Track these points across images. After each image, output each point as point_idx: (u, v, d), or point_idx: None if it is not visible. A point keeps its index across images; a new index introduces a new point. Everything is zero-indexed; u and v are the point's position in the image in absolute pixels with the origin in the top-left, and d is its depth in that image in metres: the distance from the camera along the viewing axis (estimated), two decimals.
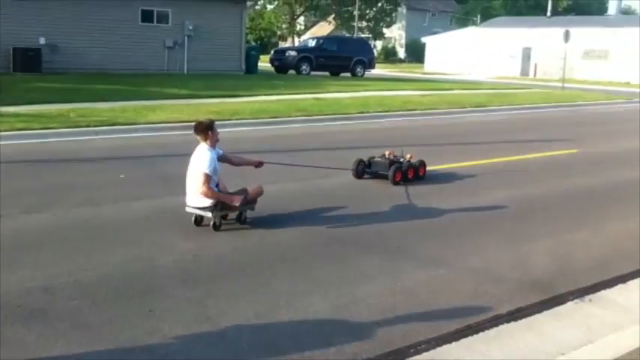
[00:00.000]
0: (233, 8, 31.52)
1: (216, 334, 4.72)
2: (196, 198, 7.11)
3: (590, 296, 5.72)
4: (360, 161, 10.17)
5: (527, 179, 10.67)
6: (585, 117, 20.67)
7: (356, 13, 66.82)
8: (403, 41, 79.86)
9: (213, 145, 7.21)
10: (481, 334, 4.88)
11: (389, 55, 76.31)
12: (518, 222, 8.01)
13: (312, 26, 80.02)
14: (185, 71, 29.61)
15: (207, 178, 6.97)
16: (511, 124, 18.90)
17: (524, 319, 5.18)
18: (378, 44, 77.18)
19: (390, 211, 8.31)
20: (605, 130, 17.44)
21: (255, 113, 16.87)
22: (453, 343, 4.69)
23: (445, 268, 6.25)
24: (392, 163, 10.03)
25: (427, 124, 17.93)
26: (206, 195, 6.97)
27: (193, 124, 7.50)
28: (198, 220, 7.25)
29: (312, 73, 35.09)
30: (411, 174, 9.97)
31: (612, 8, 62.63)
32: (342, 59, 36.40)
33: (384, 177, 9.89)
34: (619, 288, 5.97)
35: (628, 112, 24.05)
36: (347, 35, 62.60)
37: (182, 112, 16.27)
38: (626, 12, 77.57)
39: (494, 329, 4.97)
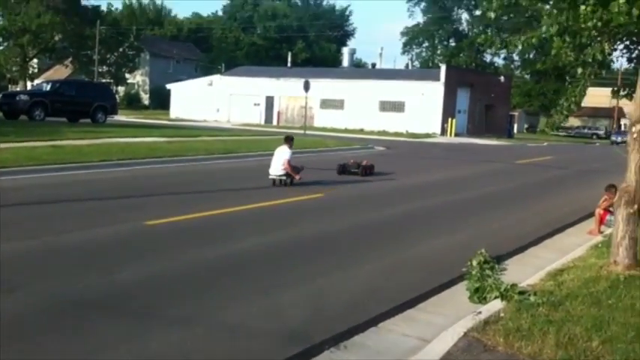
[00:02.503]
0: None
1: None
2: (277, 171, 14.91)
3: (345, 342, 5.66)
4: (340, 165, 18.13)
5: (276, 224, 10.65)
6: (325, 162, 21.63)
7: (96, 57, 64.49)
8: (147, 87, 78.64)
9: (290, 148, 15.19)
10: None
11: (132, 102, 74.51)
12: (271, 269, 7.82)
13: (47, 69, 75.59)
14: None
15: (288, 161, 14.81)
16: (259, 171, 19.12)
17: None
18: (121, 90, 75.09)
19: (132, 268, 7.62)
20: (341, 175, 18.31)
21: None
22: None
23: (198, 327, 5.81)
24: (358, 165, 18.08)
25: (175, 172, 17.42)
26: (286, 168, 14.78)
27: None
28: (277, 183, 14.97)
29: (48, 119, 32.61)
30: (369, 171, 17.99)
31: (346, 61, 67.88)
32: (81, 104, 34.37)
33: (356, 173, 17.62)
34: (371, 331, 6.01)
35: (364, 157, 25.77)
36: (87, 80, 59.85)
37: None
38: (358, 65, 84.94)
39: None
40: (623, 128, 71.17)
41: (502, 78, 60.94)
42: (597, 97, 54.86)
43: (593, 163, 28.35)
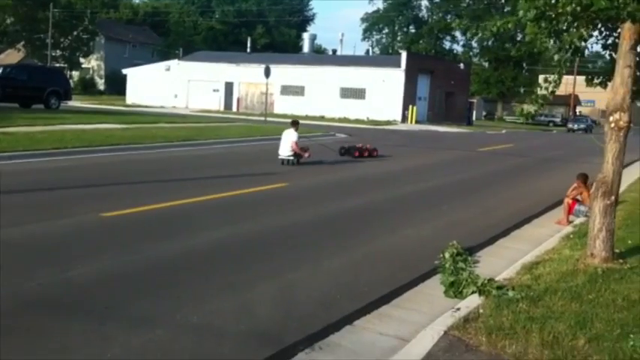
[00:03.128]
0: None
1: None
2: (286, 151, 16.90)
3: (320, 343, 5.36)
4: (342, 147, 20.01)
5: (240, 216, 10.26)
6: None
7: (49, 41, 62.65)
8: (102, 72, 76.86)
9: (296, 131, 17.12)
10: None
11: (88, 87, 72.73)
12: (235, 264, 7.45)
13: None
14: None
15: (295, 142, 16.82)
16: (221, 158, 18.69)
17: None
18: (75, 75, 73.21)
19: (89, 263, 7.14)
20: (305, 163, 17.97)
21: None
22: None
23: (162, 328, 5.42)
24: (357, 148, 19.92)
25: (132, 160, 16.84)
26: (294, 149, 16.80)
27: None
28: (285, 163, 16.84)
29: None
30: (367, 154, 19.85)
31: (306, 47, 67.18)
32: (34, 90, 33.22)
33: (352, 154, 19.58)
34: (346, 330, 5.71)
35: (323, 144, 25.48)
36: (39, 64, 58.06)
37: None
38: (318, 51, 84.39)
39: None
40: (578, 115, 72.42)
41: (461, 65, 61.22)
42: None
43: (553, 151, 28.56)
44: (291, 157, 16.94)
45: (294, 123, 17.69)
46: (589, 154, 25.87)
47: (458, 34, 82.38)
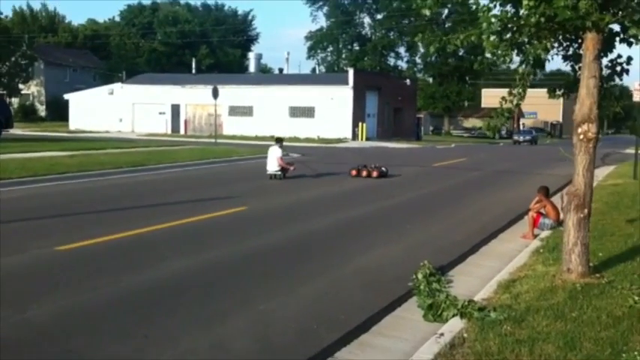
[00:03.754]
0: None
1: None
2: (273, 167, 18.21)
3: None
4: (354, 168, 20.05)
5: (202, 244, 9.86)
6: (244, 172, 20.91)
7: None
8: (43, 98, 74.92)
9: (280, 147, 18.48)
10: None
11: (28, 114, 70.72)
12: (204, 297, 7.08)
13: None
14: None
15: (280, 158, 18.21)
16: (174, 184, 18.18)
17: None
18: (15, 102, 71.13)
19: (47, 302, 6.67)
20: (262, 185, 17.70)
21: None
22: None
23: None
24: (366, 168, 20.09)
25: (81, 188, 16.21)
26: (280, 164, 18.17)
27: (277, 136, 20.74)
28: (272, 177, 18.19)
29: None
30: (372, 174, 19.76)
31: (252, 67, 66.81)
32: None
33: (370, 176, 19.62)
34: None
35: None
36: None
37: None
38: (264, 70, 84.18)
39: None
40: (522, 128, 74.00)
41: (408, 81, 61.87)
42: (497, 97, 56.60)
43: (504, 163, 28.90)
44: (279, 172, 18.25)
45: (279, 140, 19.10)
46: (539, 165, 26.38)
47: (402, 50, 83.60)
